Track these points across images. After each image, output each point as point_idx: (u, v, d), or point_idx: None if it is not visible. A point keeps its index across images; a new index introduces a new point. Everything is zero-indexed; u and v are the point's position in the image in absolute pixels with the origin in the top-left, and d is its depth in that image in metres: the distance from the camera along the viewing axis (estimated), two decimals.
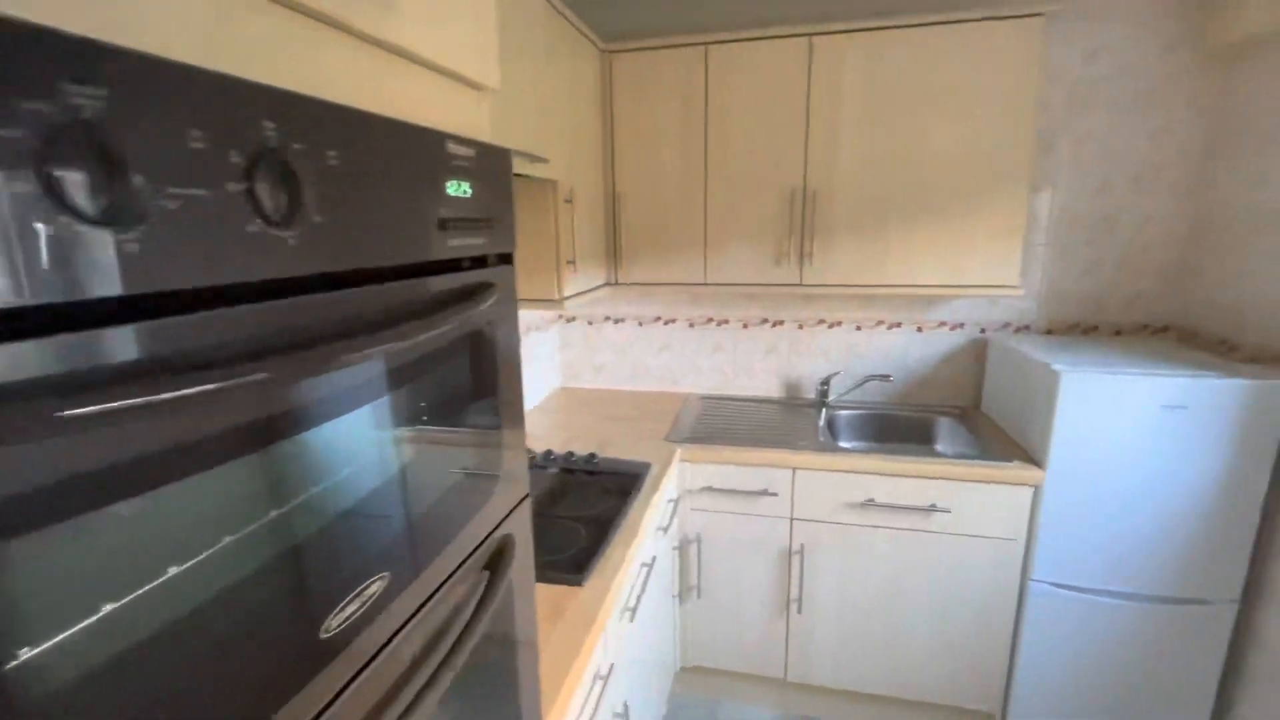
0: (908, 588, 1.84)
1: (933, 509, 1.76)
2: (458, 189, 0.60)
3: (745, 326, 2.39)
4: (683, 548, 1.97)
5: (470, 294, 0.62)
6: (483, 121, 0.74)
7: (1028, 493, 1.70)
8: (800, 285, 2.00)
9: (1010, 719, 1.85)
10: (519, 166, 1.40)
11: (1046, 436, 1.66)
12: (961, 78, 1.78)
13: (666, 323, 2.47)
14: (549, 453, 1.81)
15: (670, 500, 1.83)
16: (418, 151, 0.54)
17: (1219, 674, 1.70)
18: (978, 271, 1.89)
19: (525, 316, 2.25)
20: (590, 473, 1.73)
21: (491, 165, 0.66)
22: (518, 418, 0.80)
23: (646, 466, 1.74)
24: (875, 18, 1.80)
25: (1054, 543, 1.70)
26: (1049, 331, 2.14)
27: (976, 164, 1.82)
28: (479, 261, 0.70)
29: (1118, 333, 2.09)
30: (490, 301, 0.64)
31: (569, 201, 1.71)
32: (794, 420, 2.14)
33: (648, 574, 1.50)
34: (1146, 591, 1.68)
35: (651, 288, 2.15)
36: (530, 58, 1.43)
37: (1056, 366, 1.63)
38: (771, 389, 2.42)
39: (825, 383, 2.25)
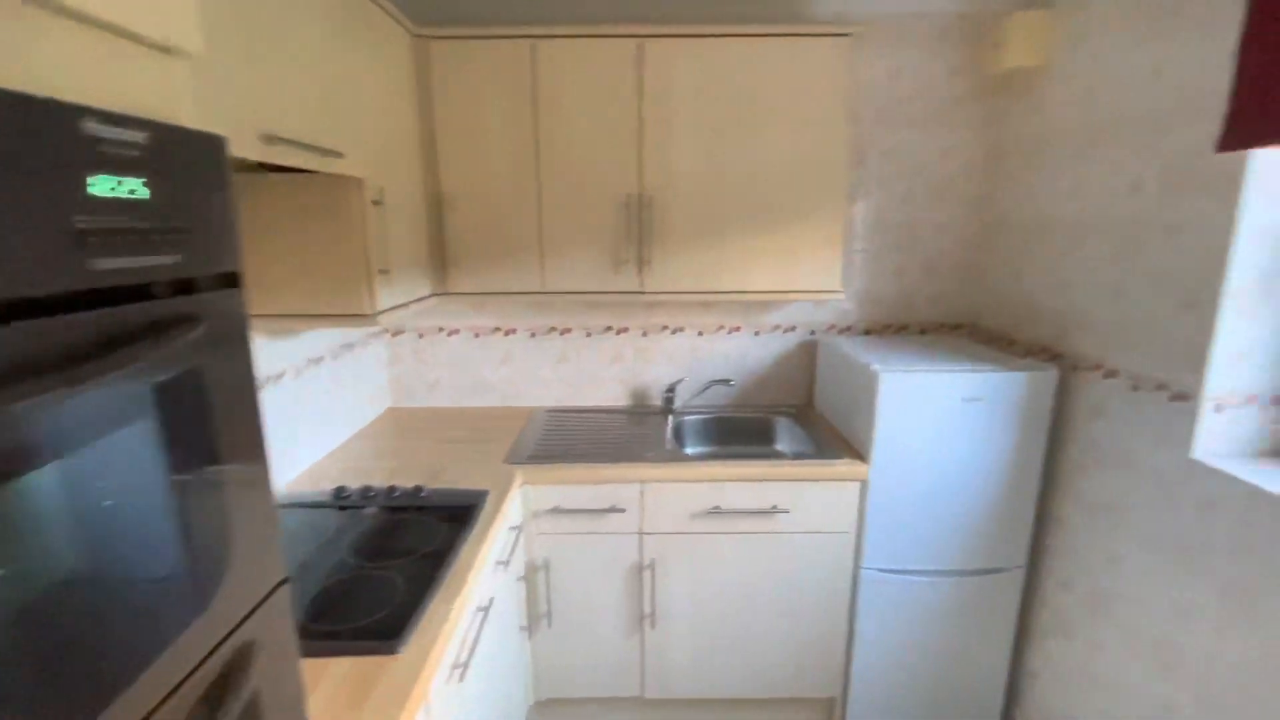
0: (755, 589, 1.87)
1: (774, 510, 1.80)
2: (114, 188, 0.42)
3: (589, 335, 2.31)
4: (530, 576, 1.83)
5: (155, 330, 0.45)
6: (177, 97, 0.55)
7: (856, 487, 1.80)
8: (641, 293, 1.96)
9: (851, 699, 1.95)
10: (305, 161, 1.18)
11: (870, 432, 1.76)
12: (786, 90, 1.83)
13: (506, 333, 2.31)
14: (367, 489, 1.58)
15: (513, 528, 1.69)
16: (21, 132, 0.37)
17: (1013, 632, 1.92)
18: (806, 277, 1.97)
19: (342, 333, 1.98)
20: (417, 508, 1.54)
21: (186, 156, 0.49)
22: (259, 479, 0.63)
23: (483, 495, 1.58)
24: (703, 24, 1.79)
25: (880, 531, 1.81)
26: (867, 332, 2.29)
27: (802, 175, 1.88)
28: (184, 286, 0.52)
29: (923, 331, 2.29)
30: (190, 337, 0.47)
31: (378, 203, 1.50)
32: (642, 429, 2.09)
33: (484, 619, 1.35)
34: (955, 566, 1.85)
35: (486, 297, 1.99)
36: (307, 32, 1.21)
37: (875, 367, 1.73)
38: (619, 398, 2.36)
39: (671, 389, 2.24)
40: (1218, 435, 1.36)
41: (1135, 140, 1.51)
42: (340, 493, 1.57)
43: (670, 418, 2.19)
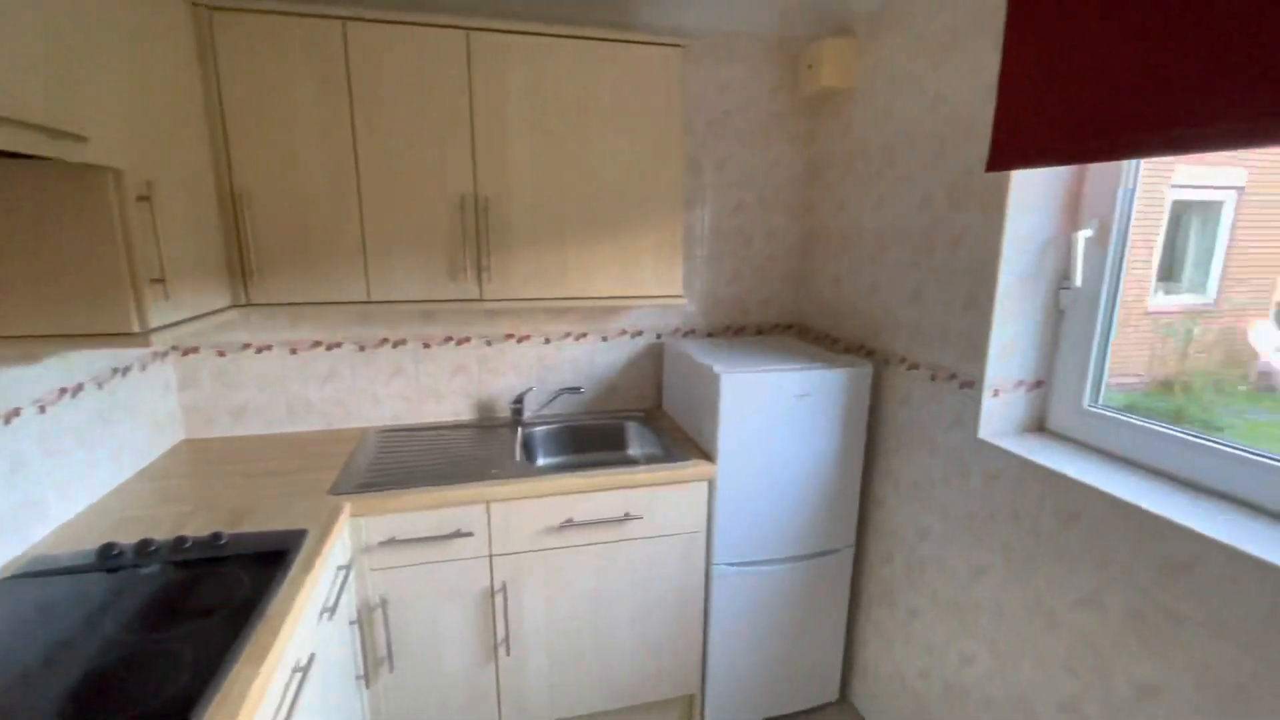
0: (611, 599, 1.84)
1: (627, 518, 1.78)
2: None
3: (427, 347, 2.14)
4: (364, 619, 1.65)
5: None
6: None
7: (704, 486, 1.84)
8: (481, 300, 1.85)
9: (708, 694, 2.01)
10: (31, 145, 0.94)
11: (715, 432, 1.82)
12: (623, 97, 1.83)
13: (330, 348, 2.07)
14: (146, 543, 1.31)
15: (340, 568, 1.50)
16: None
17: (846, 607, 2.09)
18: (649, 283, 1.98)
19: (113, 355, 1.64)
20: (215, 560, 1.31)
21: None
22: None
23: (300, 535, 1.38)
24: (536, 23, 1.73)
25: (728, 527, 1.88)
26: (710, 334, 2.38)
27: (640, 181, 1.89)
28: None
29: (759, 331, 2.43)
30: None
31: (146, 199, 1.25)
32: (489, 444, 1.98)
33: (302, 679, 1.17)
34: (796, 552, 1.97)
35: (302, 309, 1.75)
36: None
37: (717, 369, 1.79)
38: (463, 411, 2.22)
39: (519, 400, 2.15)
40: (996, 416, 1.57)
41: (924, 159, 1.71)
42: (108, 551, 1.29)
43: (520, 429, 2.10)
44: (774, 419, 1.83)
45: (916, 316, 1.77)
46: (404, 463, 1.83)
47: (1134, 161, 1.38)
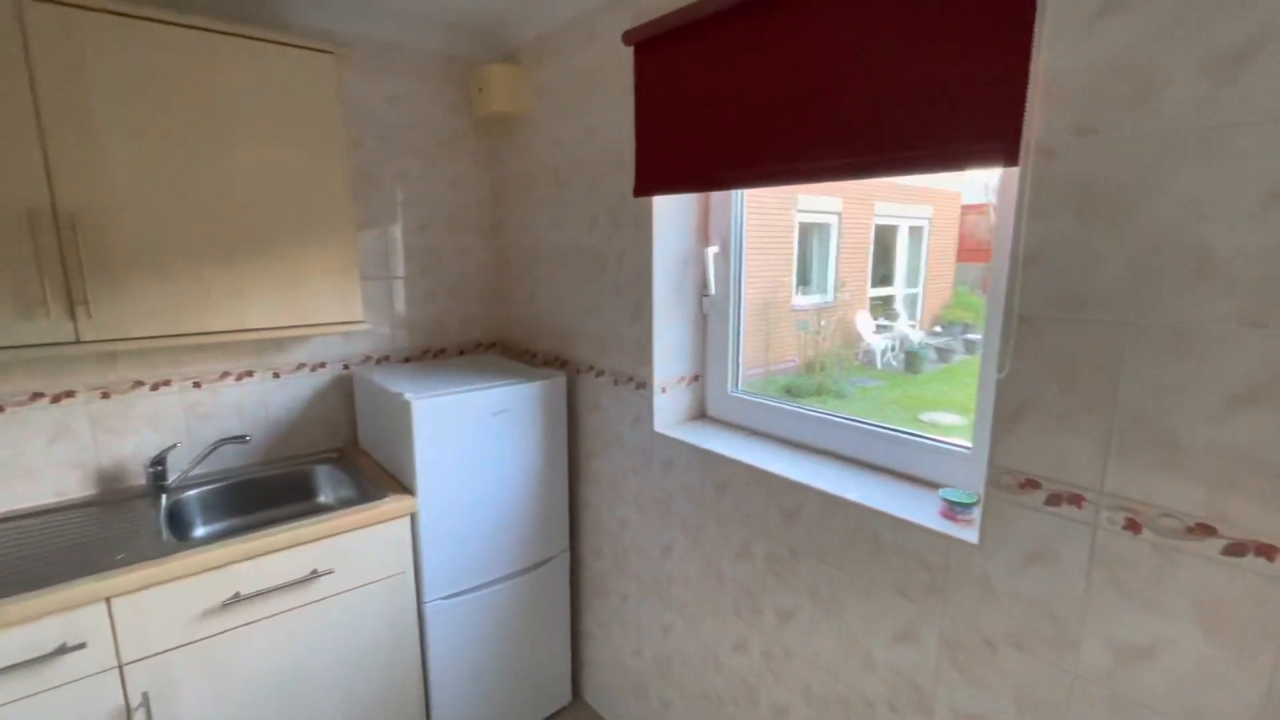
0: (306, 673, 1.61)
1: (314, 575, 1.57)
2: None
3: (3, 410, 1.60)
4: None
5: None
6: None
7: (406, 522, 1.73)
8: (79, 344, 1.44)
9: None
10: None
11: (411, 462, 1.72)
12: (259, 98, 1.61)
13: None
14: None
15: None
16: None
17: (569, 608, 2.17)
18: (323, 309, 1.79)
19: None
20: None
21: None
22: None
23: None
24: (129, 3, 1.42)
25: (437, 560, 1.79)
26: (408, 359, 2.25)
27: (296, 195, 1.69)
28: None
29: (461, 352, 2.38)
30: None
31: None
32: (116, 523, 1.56)
33: None
34: (514, 569, 1.98)
35: None
36: None
37: (408, 396, 1.70)
38: (73, 487, 1.71)
39: (159, 462, 1.74)
40: (667, 410, 1.79)
41: (588, 184, 1.87)
42: None
43: (164, 497, 1.70)
44: (474, 440, 1.81)
45: (598, 327, 1.93)
46: None
47: (740, 192, 1.71)
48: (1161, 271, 0.87)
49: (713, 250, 1.75)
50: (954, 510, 1.19)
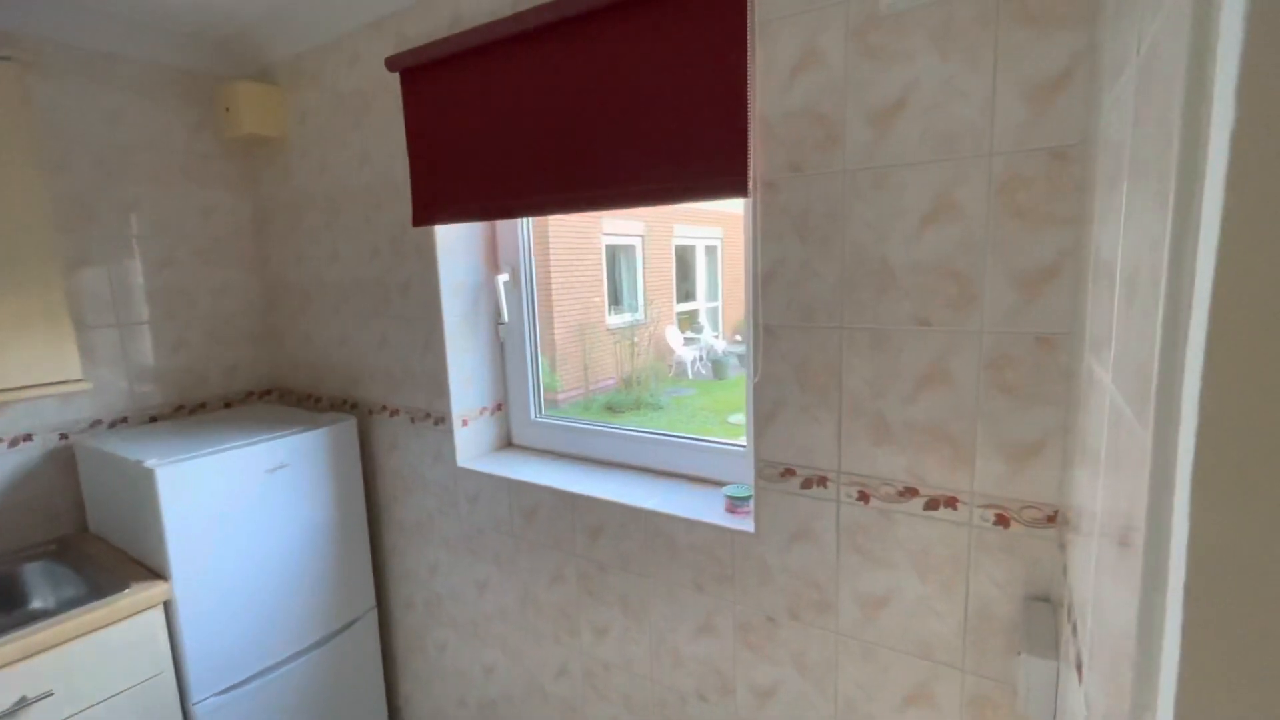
0: None
1: (25, 702, 1.25)
2: None
3: None
4: None
5: None
6: None
7: (158, 613, 1.46)
8: None
9: None
10: None
11: (161, 541, 1.45)
12: None
13: None
14: None
15: None
16: None
17: (381, 670, 1.99)
18: (23, 369, 1.45)
19: None
20: None
21: None
22: None
23: None
24: None
25: (204, 651, 1.53)
26: (154, 419, 1.91)
27: None
28: None
29: (228, 404, 2.08)
30: None
31: None
32: None
33: None
34: (312, 640, 1.76)
35: None
36: None
37: (149, 463, 1.44)
38: None
39: None
40: (470, 443, 1.74)
41: (365, 212, 1.76)
42: None
43: None
44: (244, 503, 1.59)
45: (387, 363, 1.81)
46: None
47: (525, 220, 1.73)
48: (860, 283, 1.05)
49: (502, 278, 1.75)
50: (735, 505, 1.31)
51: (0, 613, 1.54)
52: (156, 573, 1.48)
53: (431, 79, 1.49)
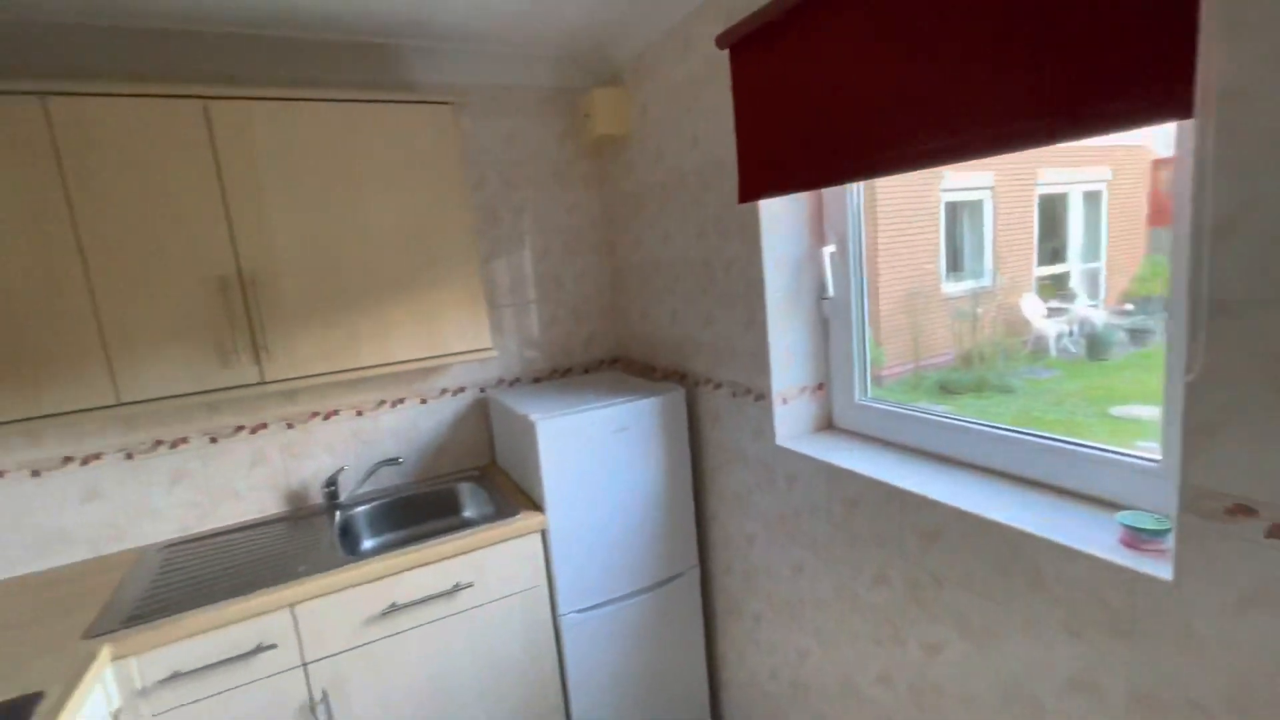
0: (455, 680, 1.73)
1: (457, 589, 1.69)
2: None
3: (215, 441, 1.92)
4: None
5: None
6: None
7: (537, 538, 1.80)
8: (263, 384, 1.69)
9: None
10: None
11: (540, 480, 1.79)
12: (389, 154, 1.78)
13: (85, 461, 1.78)
14: None
15: None
16: None
17: (702, 625, 2.13)
18: (455, 340, 1.93)
19: None
20: None
21: None
22: None
23: (33, 701, 1.15)
24: (282, 87, 1.65)
25: (568, 575, 1.85)
26: (536, 380, 2.37)
27: (425, 238, 1.85)
28: None
29: (585, 370, 2.46)
30: None
31: None
32: (300, 537, 1.80)
33: None
34: (644, 584, 1.98)
35: (31, 424, 1.49)
36: None
37: (533, 416, 1.78)
38: (270, 505, 2.00)
39: (331, 482, 1.98)
40: (789, 422, 1.70)
41: (693, 195, 1.84)
42: None
43: (337, 514, 1.94)
44: (598, 457, 1.85)
45: (712, 339, 1.88)
46: (192, 579, 1.60)
47: (856, 185, 1.58)
48: None
49: (829, 250, 1.64)
50: (1138, 538, 0.99)
51: (445, 516, 2.12)
52: (537, 505, 1.84)
53: (758, 49, 1.45)
